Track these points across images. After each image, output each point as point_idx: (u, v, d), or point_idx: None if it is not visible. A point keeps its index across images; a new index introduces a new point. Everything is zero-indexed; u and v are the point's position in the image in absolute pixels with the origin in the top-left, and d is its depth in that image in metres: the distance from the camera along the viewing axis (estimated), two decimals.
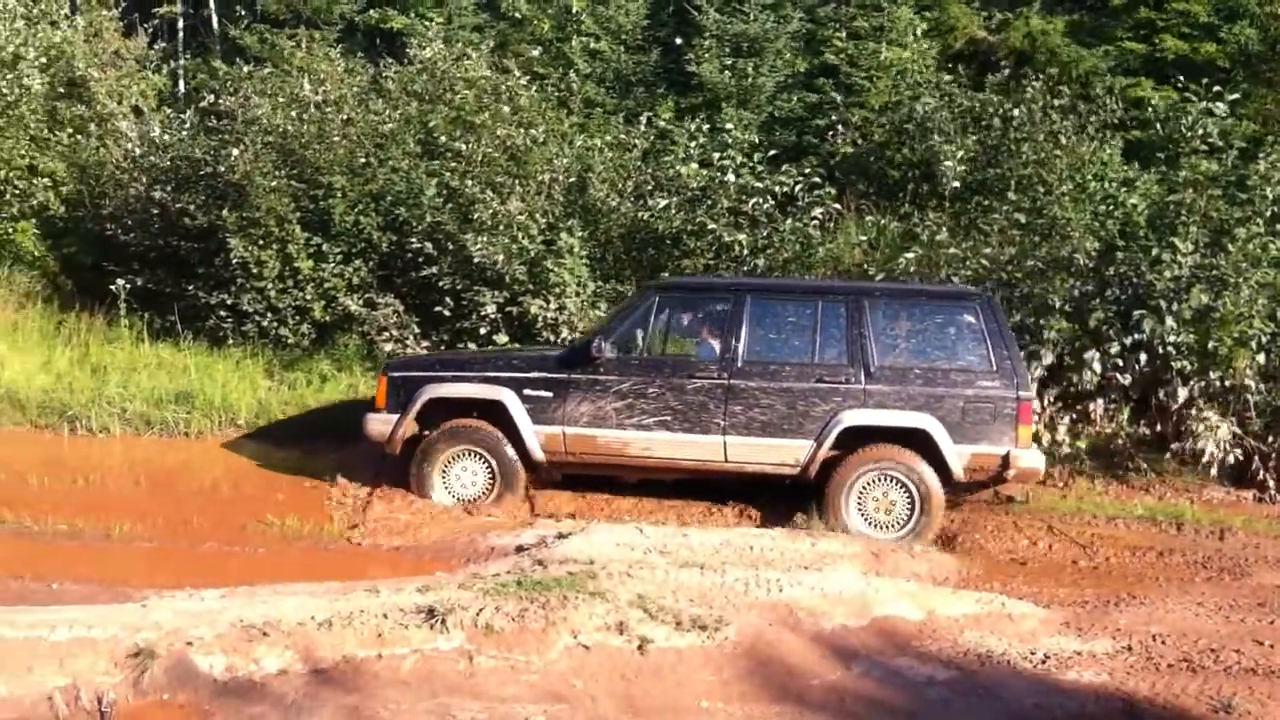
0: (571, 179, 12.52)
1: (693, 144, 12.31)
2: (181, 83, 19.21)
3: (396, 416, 9.00)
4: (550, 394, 8.80)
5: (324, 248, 12.32)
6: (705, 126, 12.66)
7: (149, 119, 14.73)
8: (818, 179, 12.06)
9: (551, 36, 16.78)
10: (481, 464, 8.94)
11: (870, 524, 8.46)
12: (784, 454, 8.57)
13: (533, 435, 8.78)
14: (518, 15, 17.18)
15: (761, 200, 11.77)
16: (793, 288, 9.89)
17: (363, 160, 12.57)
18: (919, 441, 8.42)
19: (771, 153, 12.58)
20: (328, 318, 12.42)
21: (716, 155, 12.01)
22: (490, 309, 11.59)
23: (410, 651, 5.66)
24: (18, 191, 13.84)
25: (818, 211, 11.91)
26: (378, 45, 16.62)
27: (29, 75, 14.10)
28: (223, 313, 12.51)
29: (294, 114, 12.83)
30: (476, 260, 11.59)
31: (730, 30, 15.45)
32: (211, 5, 20.27)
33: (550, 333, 11.34)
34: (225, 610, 5.99)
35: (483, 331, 11.57)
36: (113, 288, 12.70)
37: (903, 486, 8.44)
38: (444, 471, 8.96)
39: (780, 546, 7.63)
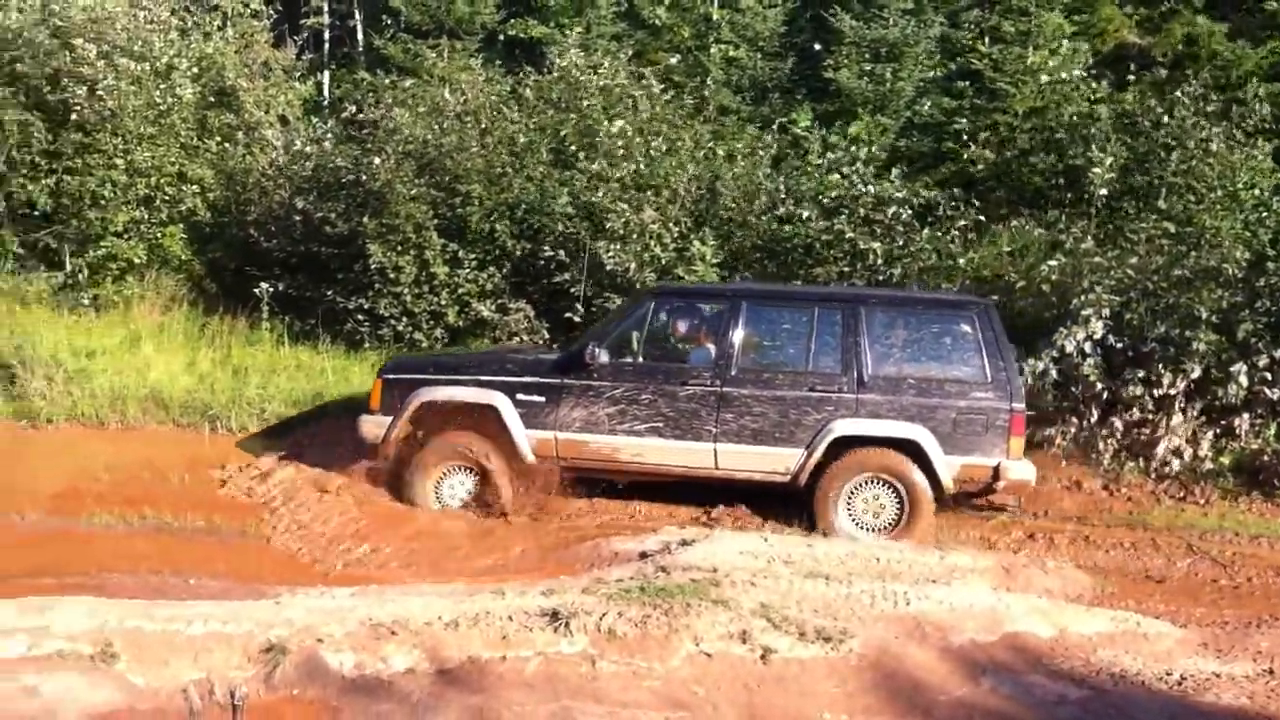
0: (703, 189, 12.50)
1: (830, 154, 12.22)
2: (326, 92, 19.65)
3: (390, 419, 8.99)
4: (543, 398, 8.79)
5: (459, 254, 12.50)
6: (847, 134, 12.51)
7: (294, 128, 15.11)
8: (958, 189, 11.86)
9: (690, 44, 16.79)
10: (471, 475, 8.94)
11: (860, 528, 8.46)
12: (775, 462, 8.56)
13: (525, 439, 8.76)
14: (657, 23, 17.22)
15: (900, 209, 11.61)
16: (789, 294, 9.76)
17: (499, 170, 12.72)
18: (910, 451, 8.38)
19: (911, 167, 12.40)
20: (461, 322, 12.60)
21: (854, 166, 11.88)
22: None
23: (534, 654, 5.71)
24: (168, 198, 14.29)
25: (960, 224, 11.73)
26: (517, 55, 16.78)
27: (181, 85, 14.55)
28: (360, 317, 12.75)
29: (434, 124, 13.05)
30: (608, 268, 11.64)
31: (868, 36, 15.27)
32: (358, 16, 20.71)
33: None
34: (355, 608, 6.11)
35: None
36: (256, 291, 13.08)
37: (893, 492, 8.45)
38: (437, 482, 8.95)
39: (908, 559, 7.51)
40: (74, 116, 14.03)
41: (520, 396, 8.80)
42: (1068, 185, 12.96)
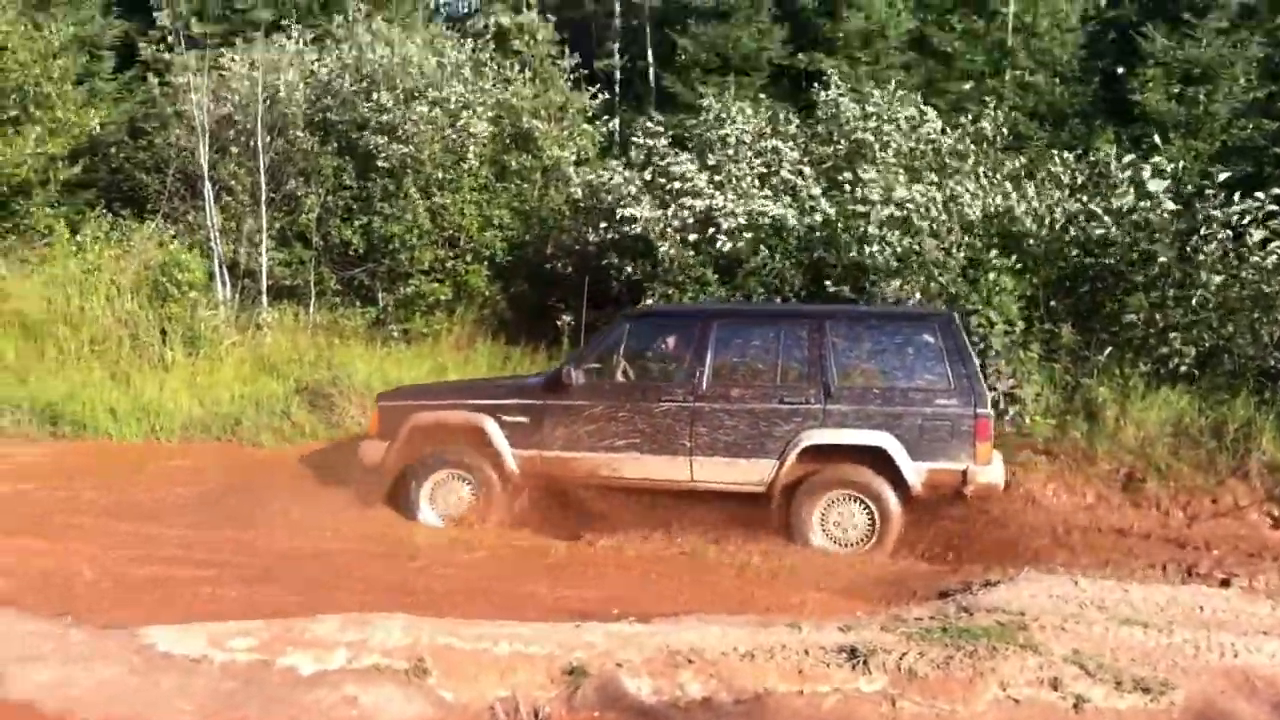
0: (995, 215, 12.07)
1: (1137, 172, 11.62)
2: (617, 133, 20.13)
3: (388, 444, 9.46)
4: (526, 419, 9.17)
5: (738, 291, 12.48)
6: (1163, 161, 11.87)
7: (587, 169, 15.49)
8: (1275, 207, 11.09)
9: (984, 70, 16.42)
10: (466, 485, 9.30)
11: (831, 540, 8.64)
12: (748, 473, 8.79)
13: (511, 458, 9.15)
14: (948, 51, 16.90)
15: (1211, 230, 10.94)
16: (758, 313, 10.28)
17: (759, 209, 12.63)
18: (878, 459, 8.50)
19: (1224, 176, 11.62)
20: None
21: (1159, 184, 11.26)
22: None
23: (831, 690, 5.59)
24: (472, 239, 14.93)
25: (1276, 245, 10.95)
26: (802, 87, 16.75)
27: (474, 124, 15.17)
28: None
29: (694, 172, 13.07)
30: (892, 301, 11.42)
31: (1179, 57, 14.53)
32: (649, 57, 21.17)
33: None
34: (652, 635, 6.14)
35: None
36: (557, 324, 13.44)
37: (862, 503, 8.61)
38: (431, 492, 9.35)
39: (1234, 608, 6.98)
40: (379, 162, 14.87)
41: (505, 418, 9.23)
42: None
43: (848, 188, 12.28)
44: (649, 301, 12.53)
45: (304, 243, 15.27)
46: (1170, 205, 11.13)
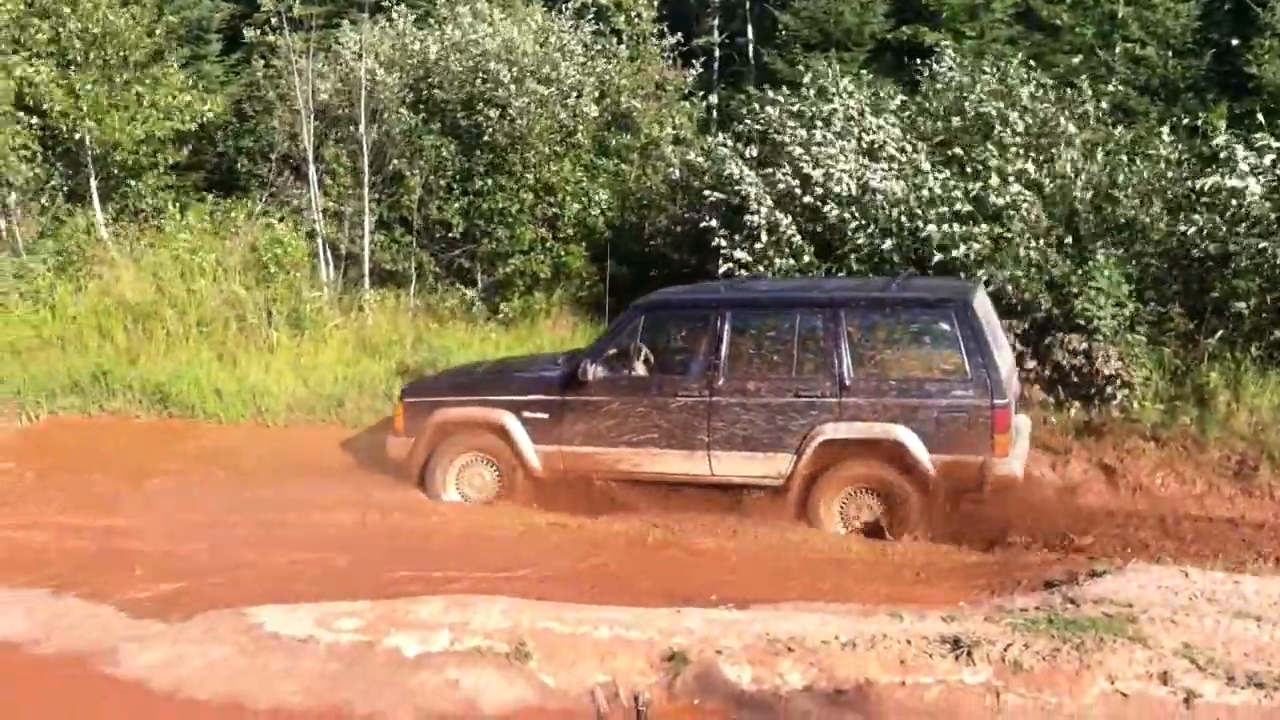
0: (1097, 194, 11.74)
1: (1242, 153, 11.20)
2: (715, 111, 19.95)
3: (414, 440, 9.62)
4: (546, 415, 9.26)
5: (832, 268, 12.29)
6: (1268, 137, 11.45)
7: (688, 146, 15.39)
8: None
9: (1093, 43, 15.99)
10: (489, 468, 9.51)
11: (849, 530, 8.64)
12: (766, 467, 8.78)
13: (532, 453, 9.26)
14: (1057, 24, 16.49)
15: None
16: (770, 301, 9.67)
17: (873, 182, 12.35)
18: (896, 452, 8.42)
19: None
20: None
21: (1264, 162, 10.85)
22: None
23: (934, 681, 5.56)
24: (572, 217, 14.95)
25: None
26: (906, 63, 16.47)
27: (586, 105, 15.20)
28: None
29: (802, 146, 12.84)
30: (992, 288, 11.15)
31: None
32: (749, 33, 21.01)
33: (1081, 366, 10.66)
34: (752, 622, 6.14)
35: None
36: None
37: (880, 495, 8.56)
38: (456, 475, 9.56)
39: None
40: (485, 138, 14.93)
41: (526, 414, 9.32)
42: None
43: (957, 168, 12.00)
44: (727, 268, 12.23)
45: (405, 226, 15.39)
46: (1255, 187, 10.69)
